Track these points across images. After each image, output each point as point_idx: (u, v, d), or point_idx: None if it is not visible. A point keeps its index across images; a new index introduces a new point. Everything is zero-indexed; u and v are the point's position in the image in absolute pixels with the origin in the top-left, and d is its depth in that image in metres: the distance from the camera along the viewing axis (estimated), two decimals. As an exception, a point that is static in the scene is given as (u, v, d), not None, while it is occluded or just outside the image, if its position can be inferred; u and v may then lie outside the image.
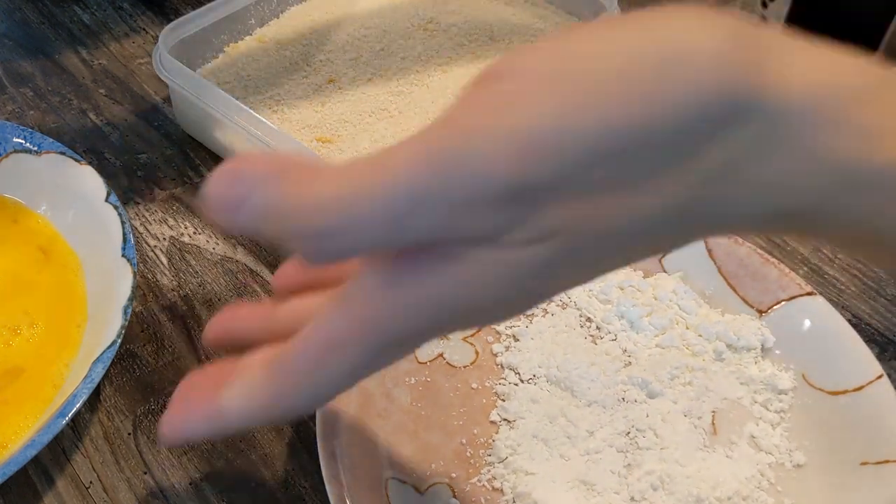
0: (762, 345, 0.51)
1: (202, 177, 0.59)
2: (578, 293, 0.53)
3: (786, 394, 0.49)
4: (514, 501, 0.44)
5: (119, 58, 0.67)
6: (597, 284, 0.53)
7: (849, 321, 0.50)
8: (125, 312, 0.45)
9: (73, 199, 0.52)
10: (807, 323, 0.50)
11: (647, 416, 0.47)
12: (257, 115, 0.53)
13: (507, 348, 0.51)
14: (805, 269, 0.58)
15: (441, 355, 0.50)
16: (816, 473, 0.46)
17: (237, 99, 0.60)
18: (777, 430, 0.48)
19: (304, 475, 0.46)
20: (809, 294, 0.51)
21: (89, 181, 0.52)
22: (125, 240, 0.48)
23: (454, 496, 0.44)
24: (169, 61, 0.57)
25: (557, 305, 0.52)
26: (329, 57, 0.65)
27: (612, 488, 0.44)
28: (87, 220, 0.51)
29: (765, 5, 1.59)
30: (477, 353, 0.50)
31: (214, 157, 0.60)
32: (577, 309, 0.52)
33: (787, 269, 0.52)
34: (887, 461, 0.44)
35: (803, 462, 0.46)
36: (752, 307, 0.52)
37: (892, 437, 0.45)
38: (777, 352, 0.50)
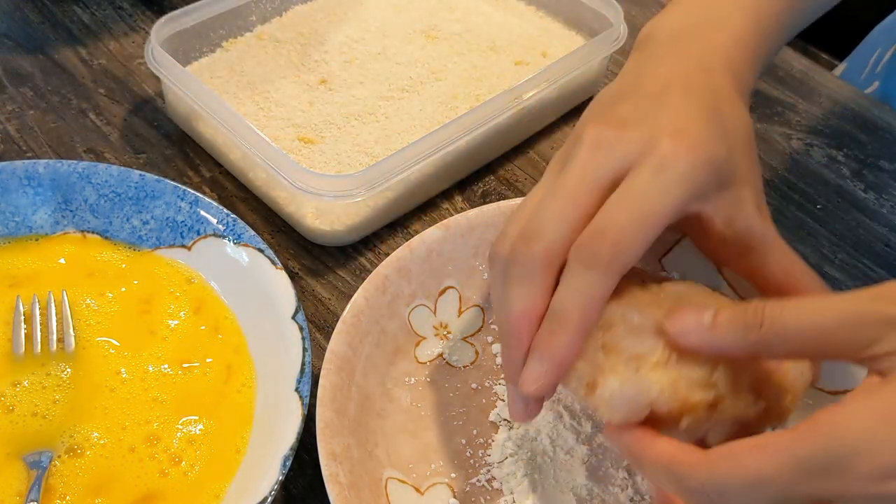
0: (762, 345, 0.51)
1: (202, 177, 0.59)
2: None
3: (786, 394, 0.49)
4: (513, 501, 0.44)
5: (119, 57, 0.67)
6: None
7: (849, 321, 0.50)
8: (284, 464, 0.41)
9: (263, 306, 0.48)
10: (807, 323, 0.50)
11: (648, 416, 0.47)
12: (236, 112, 0.54)
13: (507, 348, 0.51)
14: (805, 269, 0.58)
15: (441, 355, 0.50)
16: (816, 473, 0.46)
17: (227, 94, 0.61)
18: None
19: (304, 475, 0.46)
20: (809, 294, 0.51)
21: (282, 290, 0.48)
22: (303, 371, 0.44)
23: (454, 496, 0.44)
24: (160, 54, 0.57)
25: (557, 305, 0.52)
26: (324, 58, 0.65)
27: (615, 486, 0.44)
28: (272, 335, 0.47)
29: (765, 5, 1.58)
30: (477, 353, 0.50)
31: (214, 158, 0.60)
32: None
33: (787, 270, 0.52)
34: (887, 461, 0.44)
35: (803, 462, 0.46)
36: (752, 307, 0.52)
37: (892, 438, 0.45)
38: (777, 352, 0.50)
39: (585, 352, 0.38)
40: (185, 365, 0.47)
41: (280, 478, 0.41)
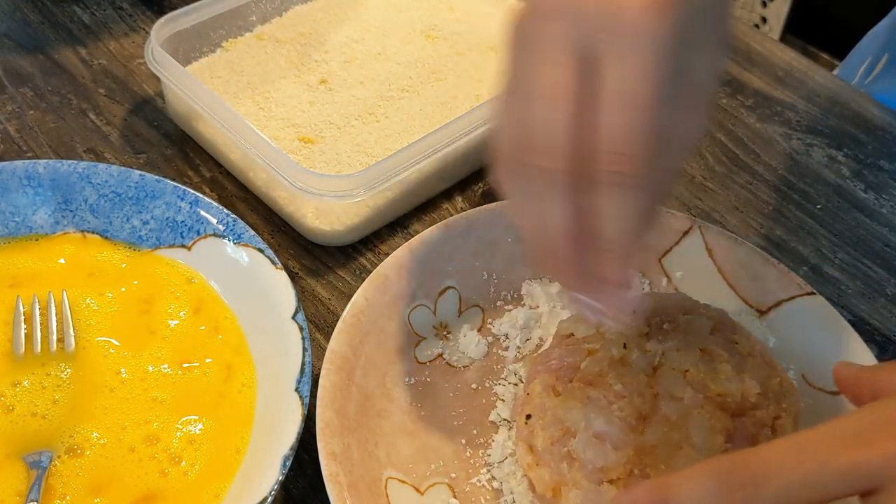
0: (762, 345, 0.51)
1: (202, 177, 0.59)
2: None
3: (786, 394, 0.49)
4: (513, 501, 0.44)
5: (119, 57, 0.67)
6: (597, 284, 0.53)
7: (849, 321, 0.50)
8: (284, 464, 0.41)
9: (263, 306, 0.48)
10: (807, 323, 0.50)
11: (647, 416, 0.47)
12: (236, 112, 0.54)
13: (507, 349, 0.51)
14: (805, 269, 0.58)
15: (441, 355, 0.50)
16: (816, 473, 0.46)
17: (227, 94, 0.60)
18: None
19: (304, 475, 0.46)
20: (809, 294, 0.51)
21: (282, 290, 0.48)
22: (303, 371, 0.44)
23: (454, 496, 0.44)
24: (160, 54, 0.57)
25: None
26: (325, 58, 0.65)
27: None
28: (272, 335, 0.47)
29: (765, 5, 1.59)
30: (477, 353, 0.50)
31: (214, 158, 0.60)
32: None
33: (786, 269, 0.52)
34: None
35: (803, 462, 0.46)
36: (752, 307, 0.52)
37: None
38: (777, 352, 0.50)
39: (550, 458, 0.41)
40: (185, 365, 0.47)
41: (280, 478, 0.41)
